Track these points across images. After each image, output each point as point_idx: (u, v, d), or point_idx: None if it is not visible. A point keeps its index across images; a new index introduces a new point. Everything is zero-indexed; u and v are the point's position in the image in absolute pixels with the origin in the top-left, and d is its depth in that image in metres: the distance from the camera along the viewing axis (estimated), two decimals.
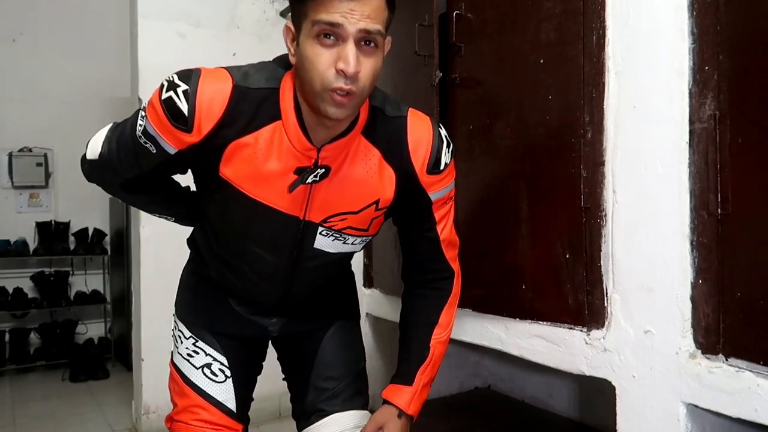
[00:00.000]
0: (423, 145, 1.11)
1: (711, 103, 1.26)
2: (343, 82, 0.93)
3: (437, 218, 1.20)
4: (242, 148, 1.03)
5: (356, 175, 1.10)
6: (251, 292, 1.25)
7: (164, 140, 1.03)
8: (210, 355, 1.26)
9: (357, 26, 0.91)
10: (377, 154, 1.10)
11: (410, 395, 1.24)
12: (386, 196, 1.13)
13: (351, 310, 1.42)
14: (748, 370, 1.19)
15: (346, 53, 0.92)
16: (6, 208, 4.29)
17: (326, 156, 1.06)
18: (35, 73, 4.32)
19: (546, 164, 1.61)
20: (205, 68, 1.03)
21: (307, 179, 1.06)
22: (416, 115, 1.13)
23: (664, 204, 1.34)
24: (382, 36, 0.95)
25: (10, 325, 4.16)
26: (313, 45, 0.94)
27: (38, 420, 3.14)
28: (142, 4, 2.69)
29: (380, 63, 0.98)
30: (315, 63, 0.94)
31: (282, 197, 1.07)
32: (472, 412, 2.51)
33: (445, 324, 1.27)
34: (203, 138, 1.01)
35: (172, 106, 0.99)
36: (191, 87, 0.99)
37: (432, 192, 1.15)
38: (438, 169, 1.13)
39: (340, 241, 1.17)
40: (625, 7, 1.43)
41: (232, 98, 1.00)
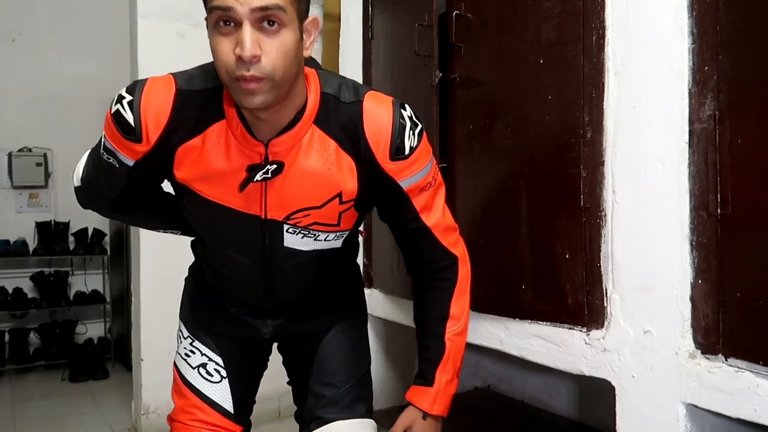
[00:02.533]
0: (382, 130, 1.02)
1: (711, 103, 1.26)
2: (245, 69, 0.88)
3: (418, 208, 1.11)
4: (191, 151, 1.03)
5: (312, 168, 1.04)
6: (237, 294, 1.25)
7: (121, 153, 1.04)
8: (205, 355, 1.25)
9: (249, 5, 0.86)
10: (333, 144, 1.04)
11: (432, 396, 1.20)
12: (348, 188, 1.07)
13: (355, 311, 1.37)
14: (748, 371, 1.19)
15: (241, 37, 0.87)
16: (5, 208, 4.29)
17: (277, 151, 1.02)
18: (35, 73, 4.32)
19: (545, 164, 1.61)
20: (153, 77, 1.04)
21: (256, 177, 1.03)
22: (374, 98, 1.05)
23: (664, 204, 1.34)
24: (283, 11, 0.88)
25: (9, 325, 4.16)
26: (214, 35, 0.92)
27: (38, 420, 3.14)
28: (142, 4, 2.69)
29: (291, 42, 0.90)
30: (217, 53, 0.91)
31: (235, 195, 1.06)
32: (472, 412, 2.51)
33: (458, 315, 1.20)
34: (153, 146, 1.02)
35: (120, 118, 1.01)
36: (135, 97, 1.00)
37: (401, 180, 1.07)
38: (402, 155, 1.04)
39: (311, 237, 1.13)
40: (625, 7, 1.43)
41: (175, 103, 1.00)
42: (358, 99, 1.04)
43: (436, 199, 1.15)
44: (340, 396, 1.26)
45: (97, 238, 4.37)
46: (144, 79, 1.03)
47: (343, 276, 1.35)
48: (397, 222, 1.16)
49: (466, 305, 1.23)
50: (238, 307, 1.27)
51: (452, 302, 1.20)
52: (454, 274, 1.21)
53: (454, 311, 1.20)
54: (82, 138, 4.40)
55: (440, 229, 1.16)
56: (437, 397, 1.20)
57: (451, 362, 1.21)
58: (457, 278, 1.21)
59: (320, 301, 1.29)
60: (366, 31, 2.40)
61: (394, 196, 1.10)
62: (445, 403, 1.22)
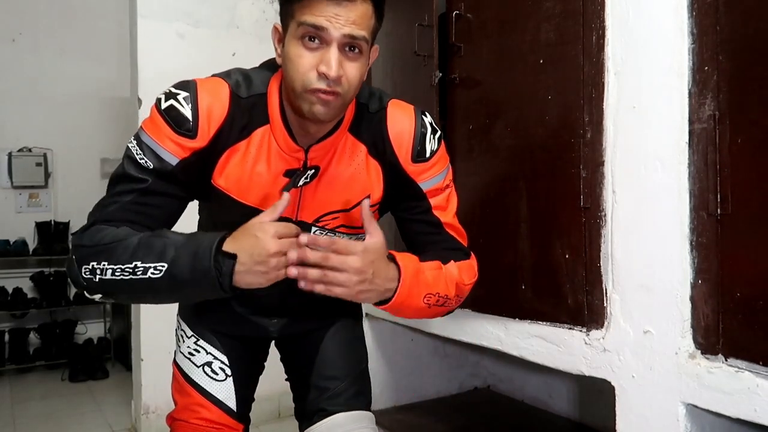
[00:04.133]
0: (405, 134, 1.10)
1: (710, 103, 1.26)
2: (325, 84, 0.93)
3: (433, 205, 1.16)
4: (234, 154, 1.04)
5: (345, 173, 1.10)
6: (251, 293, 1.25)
7: (165, 149, 0.99)
8: (211, 353, 1.26)
9: (341, 31, 0.92)
10: (363, 149, 1.10)
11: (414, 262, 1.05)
12: (376, 192, 1.12)
13: (353, 310, 1.40)
14: (748, 371, 1.19)
15: (328, 57, 0.92)
16: (5, 208, 4.29)
17: (314, 156, 1.06)
18: (35, 73, 4.31)
19: (545, 164, 1.61)
20: (200, 78, 1.05)
21: (299, 182, 1.06)
22: (397, 106, 1.12)
23: (664, 204, 1.34)
24: (366, 42, 0.96)
25: (9, 325, 4.15)
26: (297, 46, 0.95)
27: (38, 420, 3.13)
28: (142, 4, 2.69)
29: (364, 70, 0.98)
30: (297, 64, 0.95)
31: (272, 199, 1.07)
32: (472, 412, 2.51)
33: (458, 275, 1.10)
34: (209, 142, 1.01)
35: (175, 112, 0.99)
36: (191, 93, 1.00)
37: (422, 181, 1.13)
38: (424, 157, 1.11)
39: None
40: (625, 7, 1.43)
41: (231, 103, 1.02)
42: (383, 107, 1.11)
43: (450, 201, 1.19)
44: (343, 388, 1.28)
45: None
46: (192, 79, 1.03)
47: None
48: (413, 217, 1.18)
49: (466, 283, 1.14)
50: (246, 306, 1.28)
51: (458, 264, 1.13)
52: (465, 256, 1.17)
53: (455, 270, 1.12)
54: (82, 138, 4.45)
55: (451, 227, 1.19)
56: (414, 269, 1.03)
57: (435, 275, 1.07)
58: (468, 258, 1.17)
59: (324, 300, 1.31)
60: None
61: (415, 195, 1.15)
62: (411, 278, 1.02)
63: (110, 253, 0.94)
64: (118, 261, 0.94)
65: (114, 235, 0.96)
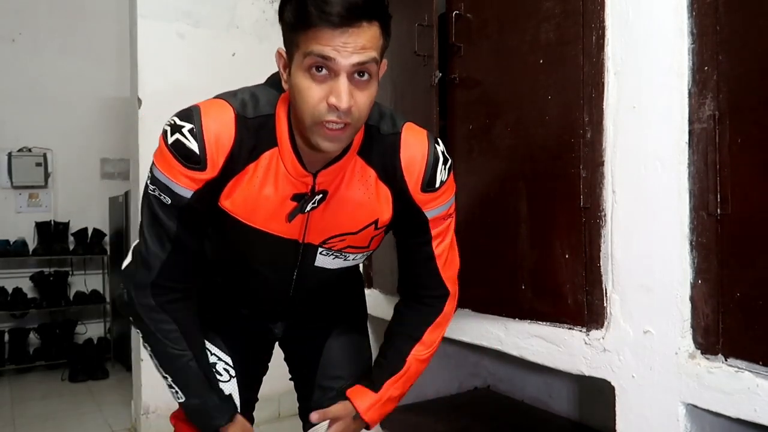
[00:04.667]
0: (417, 162, 1.07)
1: (710, 103, 1.26)
2: (335, 115, 0.91)
3: (433, 234, 1.16)
4: (242, 177, 1.03)
5: (354, 197, 1.08)
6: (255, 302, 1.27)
7: (178, 185, 1.00)
8: (215, 354, 1.27)
9: (350, 60, 0.88)
10: (373, 174, 1.08)
11: (372, 402, 1.21)
12: (384, 216, 1.11)
13: (358, 310, 1.41)
14: (748, 371, 1.19)
15: (338, 88, 0.89)
16: (5, 208, 4.29)
17: (322, 181, 1.04)
18: (35, 73, 4.31)
19: (545, 164, 1.61)
20: (203, 102, 1.03)
21: (306, 208, 1.05)
22: (411, 131, 1.10)
23: (664, 204, 1.34)
24: (376, 63, 0.93)
25: (9, 325, 4.15)
26: (304, 78, 0.91)
27: (37, 420, 3.13)
28: (142, 5, 2.69)
29: (375, 91, 0.95)
30: (306, 96, 0.91)
31: (280, 223, 1.07)
32: (472, 412, 2.51)
33: (429, 342, 1.22)
34: (220, 171, 1.00)
35: (182, 147, 0.98)
36: (196, 124, 0.98)
37: (428, 210, 1.12)
38: (433, 187, 1.09)
39: (341, 258, 1.17)
40: (625, 7, 1.43)
41: (237, 127, 1.00)
42: (397, 131, 1.09)
43: (450, 229, 1.20)
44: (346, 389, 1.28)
45: (96, 238, 4.37)
46: (195, 106, 1.01)
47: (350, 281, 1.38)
48: (409, 242, 1.19)
49: (439, 338, 1.25)
50: (251, 309, 1.29)
51: (428, 329, 1.22)
52: (440, 304, 1.23)
53: (427, 338, 1.22)
54: (82, 138, 4.45)
55: (443, 259, 1.19)
56: (376, 404, 1.21)
57: (402, 382, 1.22)
58: (442, 309, 1.23)
59: (329, 305, 1.33)
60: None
61: (417, 222, 1.14)
62: (379, 414, 1.22)
63: (157, 348, 1.13)
64: (157, 357, 1.14)
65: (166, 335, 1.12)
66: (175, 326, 1.11)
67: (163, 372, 1.14)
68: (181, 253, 1.07)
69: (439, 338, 1.25)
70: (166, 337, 1.11)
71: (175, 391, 1.15)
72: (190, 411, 1.17)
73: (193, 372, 1.13)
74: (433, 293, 1.22)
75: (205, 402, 1.15)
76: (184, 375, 1.13)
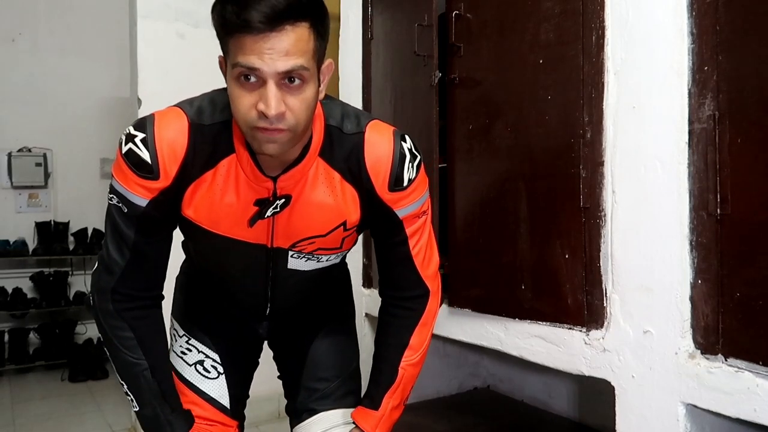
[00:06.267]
0: (382, 162, 1.05)
1: (710, 103, 1.26)
2: (266, 122, 0.89)
3: (409, 233, 1.14)
4: (201, 185, 1.03)
5: (318, 200, 1.06)
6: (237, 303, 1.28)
7: (132, 194, 1.01)
8: (202, 352, 1.27)
9: (274, 68, 0.86)
10: (337, 176, 1.06)
11: (377, 420, 1.22)
12: (352, 217, 1.10)
13: (344, 310, 1.41)
14: (748, 371, 1.19)
15: (266, 95, 0.87)
16: (5, 208, 4.29)
17: (284, 186, 1.03)
18: (35, 73, 4.32)
19: (545, 164, 1.61)
20: (158, 111, 1.02)
21: (266, 213, 1.05)
22: (376, 130, 1.07)
23: (664, 204, 1.34)
24: (307, 70, 0.89)
25: (9, 325, 4.16)
26: (234, 86, 0.90)
27: (37, 420, 3.14)
28: (142, 5, 2.69)
29: (312, 95, 0.93)
30: (238, 105, 0.90)
31: (245, 229, 1.07)
32: (472, 412, 2.51)
33: (417, 345, 1.22)
34: (173, 180, 1.01)
35: (135, 156, 0.98)
36: (148, 134, 0.98)
37: (398, 209, 1.10)
38: (401, 186, 1.06)
39: (314, 260, 1.17)
40: (625, 7, 1.43)
41: (190, 135, 1.00)
42: (360, 130, 1.06)
43: (426, 226, 1.17)
44: (332, 390, 1.29)
45: (96, 238, 4.37)
46: (150, 115, 1.01)
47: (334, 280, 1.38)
48: (386, 242, 1.18)
49: (427, 337, 1.24)
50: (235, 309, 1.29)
51: (414, 333, 1.21)
52: (422, 305, 1.21)
53: (414, 341, 1.21)
54: (82, 138, 4.45)
55: (421, 258, 1.18)
56: (381, 420, 1.22)
57: (400, 390, 1.23)
58: (423, 310, 1.22)
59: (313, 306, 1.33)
60: (365, 31, 2.40)
61: (390, 221, 1.12)
62: (387, 428, 1.24)
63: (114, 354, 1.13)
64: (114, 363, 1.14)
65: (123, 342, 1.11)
66: (131, 333, 1.11)
67: (119, 378, 1.14)
68: (140, 261, 1.08)
69: (427, 338, 1.24)
70: (122, 344, 1.11)
71: (130, 399, 1.15)
72: (144, 421, 1.17)
73: (146, 381, 1.12)
74: (413, 293, 1.21)
75: (156, 414, 1.14)
76: (137, 383, 1.13)
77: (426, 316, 1.22)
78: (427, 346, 1.24)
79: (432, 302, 1.22)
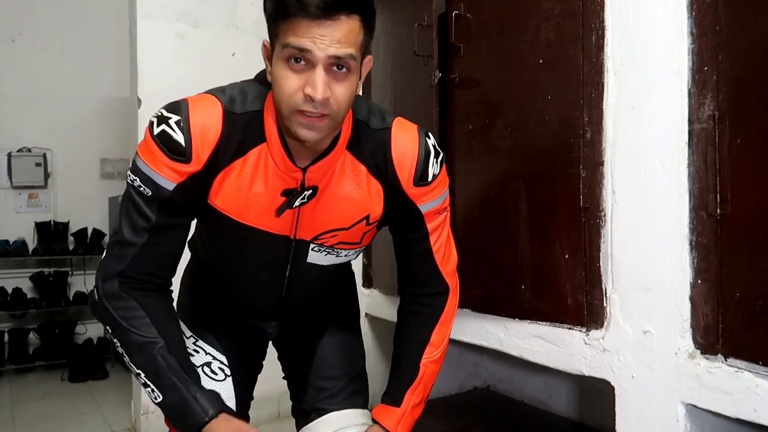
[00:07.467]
0: (408, 157, 1.07)
1: (710, 103, 1.26)
2: (311, 106, 0.91)
3: (430, 229, 1.15)
4: (230, 173, 1.03)
5: (344, 193, 1.08)
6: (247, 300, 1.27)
7: (161, 176, 1.00)
8: (210, 353, 1.26)
9: (326, 52, 0.89)
10: (363, 169, 1.08)
11: (398, 417, 1.20)
12: (376, 211, 1.11)
13: (350, 309, 1.42)
14: (747, 371, 1.19)
15: (314, 79, 0.90)
16: (5, 208, 4.28)
17: (312, 177, 1.05)
18: (34, 73, 4.31)
19: (545, 164, 1.61)
20: (191, 97, 1.03)
21: (295, 203, 1.05)
22: (401, 126, 1.09)
23: (664, 204, 1.34)
24: (354, 60, 0.92)
25: (9, 325, 4.15)
26: (282, 68, 0.92)
27: (37, 420, 3.13)
28: (141, 4, 2.68)
29: (355, 86, 0.96)
30: (283, 86, 0.92)
31: (271, 219, 1.07)
32: (472, 412, 2.51)
33: (438, 343, 1.22)
34: (204, 165, 1.00)
35: (168, 138, 0.98)
36: (183, 116, 0.98)
37: (421, 204, 1.11)
38: (425, 181, 1.09)
39: (333, 255, 1.17)
40: (625, 7, 1.43)
41: (224, 122, 1.00)
42: (386, 126, 1.08)
43: (446, 223, 1.19)
44: (339, 389, 1.29)
45: (96, 238, 4.36)
46: (183, 100, 1.01)
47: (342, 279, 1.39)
48: (406, 238, 1.19)
49: (447, 334, 1.24)
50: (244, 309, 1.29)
51: (434, 330, 1.22)
52: (442, 302, 1.22)
53: (435, 339, 1.22)
54: (82, 138, 4.44)
55: (441, 254, 1.19)
56: (403, 418, 1.20)
57: (422, 387, 1.22)
58: (444, 307, 1.22)
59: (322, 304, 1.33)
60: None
61: (412, 217, 1.14)
62: (409, 425, 1.22)
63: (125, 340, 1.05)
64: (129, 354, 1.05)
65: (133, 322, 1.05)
66: (141, 312, 1.05)
67: (135, 368, 1.05)
68: (155, 245, 1.05)
69: (447, 336, 1.24)
70: (132, 324, 1.04)
71: (150, 390, 1.05)
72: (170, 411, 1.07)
73: (164, 360, 1.04)
74: (433, 290, 1.21)
75: (183, 398, 1.04)
76: (155, 365, 1.04)
77: (446, 314, 1.22)
78: (447, 343, 1.24)
79: (452, 299, 1.23)
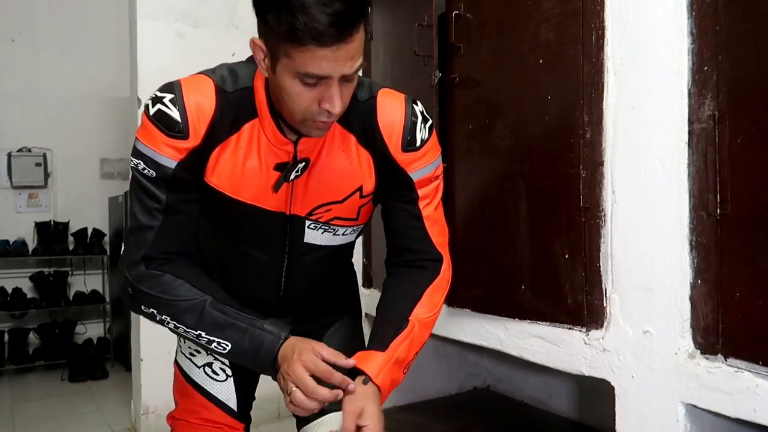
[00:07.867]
0: (395, 123, 1.08)
1: (710, 103, 1.26)
2: (327, 116, 0.95)
3: (420, 195, 1.14)
4: (225, 148, 1.05)
5: (336, 164, 1.09)
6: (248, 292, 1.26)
7: (161, 155, 1.01)
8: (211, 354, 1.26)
9: (342, 71, 0.91)
10: (353, 139, 1.09)
11: (382, 362, 1.07)
12: (368, 183, 1.12)
13: (352, 309, 1.41)
14: (747, 371, 1.19)
15: (331, 94, 0.92)
16: (5, 208, 4.29)
17: (304, 149, 1.06)
18: (34, 73, 4.32)
19: (545, 164, 1.61)
20: (184, 78, 1.05)
21: (290, 176, 1.06)
22: (387, 94, 1.11)
23: (663, 204, 1.34)
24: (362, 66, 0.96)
25: (9, 325, 4.16)
26: (295, 83, 0.93)
27: (37, 420, 3.13)
28: (142, 5, 2.69)
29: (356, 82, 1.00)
30: (298, 101, 0.94)
31: (265, 196, 1.08)
32: (472, 412, 2.51)
33: (429, 305, 1.14)
34: (202, 139, 1.02)
35: (164, 116, 0.99)
36: (176, 94, 1.00)
37: (412, 171, 1.11)
38: (414, 146, 1.09)
39: (330, 233, 1.16)
40: (624, 7, 1.43)
41: (217, 97, 1.02)
42: (372, 95, 1.10)
43: (437, 193, 1.18)
44: None
45: (96, 238, 4.37)
46: (176, 80, 1.03)
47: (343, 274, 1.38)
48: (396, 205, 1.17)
49: (440, 303, 1.18)
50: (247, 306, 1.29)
51: (428, 291, 1.15)
52: (435, 268, 1.17)
53: (426, 300, 1.14)
54: (82, 138, 4.44)
55: (432, 221, 1.17)
56: (386, 365, 1.08)
57: (408, 343, 1.11)
58: (439, 273, 1.17)
59: (324, 299, 1.32)
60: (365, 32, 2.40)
61: (402, 183, 1.13)
62: (390, 380, 1.09)
63: (173, 311, 1.04)
64: (182, 322, 1.04)
65: (175, 292, 1.04)
66: (179, 281, 1.04)
67: (193, 332, 1.03)
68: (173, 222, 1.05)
69: (440, 303, 1.18)
70: (174, 294, 1.03)
71: (216, 344, 1.03)
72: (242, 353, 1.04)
73: (222, 311, 1.04)
74: (424, 256, 1.17)
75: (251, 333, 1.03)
76: (213, 320, 1.03)
77: (440, 280, 1.17)
78: (438, 312, 1.17)
79: (446, 270, 1.18)
